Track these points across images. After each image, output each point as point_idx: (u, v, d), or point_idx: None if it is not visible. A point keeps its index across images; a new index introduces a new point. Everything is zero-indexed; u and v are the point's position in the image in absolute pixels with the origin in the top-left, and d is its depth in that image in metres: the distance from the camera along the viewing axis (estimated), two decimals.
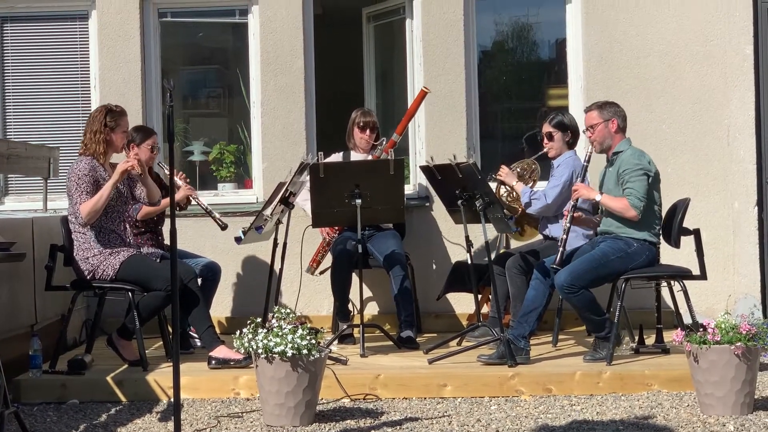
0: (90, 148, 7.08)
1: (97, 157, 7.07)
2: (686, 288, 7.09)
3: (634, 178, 6.90)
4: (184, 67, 9.88)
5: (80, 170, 6.97)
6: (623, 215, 6.90)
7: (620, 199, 6.92)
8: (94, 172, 7.00)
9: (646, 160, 6.98)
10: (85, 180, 6.94)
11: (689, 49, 8.79)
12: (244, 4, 9.08)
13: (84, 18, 9.11)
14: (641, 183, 6.89)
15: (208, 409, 6.40)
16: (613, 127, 7.08)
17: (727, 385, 5.90)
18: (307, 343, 5.79)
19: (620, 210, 6.90)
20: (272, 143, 8.89)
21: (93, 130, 7.08)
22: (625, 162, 6.97)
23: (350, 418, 6.08)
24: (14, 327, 7.11)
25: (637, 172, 6.90)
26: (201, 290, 7.24)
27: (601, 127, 7.09)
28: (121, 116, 7.17)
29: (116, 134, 7.12)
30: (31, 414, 6.34)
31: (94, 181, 6.97)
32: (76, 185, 6.95)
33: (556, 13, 9.09)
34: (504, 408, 6.30)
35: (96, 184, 6.97)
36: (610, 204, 6.95)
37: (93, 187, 6.96)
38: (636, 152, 7.04)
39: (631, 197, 6.87)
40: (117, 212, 7.11)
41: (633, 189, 6.88)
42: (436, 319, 8.73)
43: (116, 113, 7.13)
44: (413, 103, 8.37)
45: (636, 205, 6.85)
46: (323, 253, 8.31)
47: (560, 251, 6.87)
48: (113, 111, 7.13)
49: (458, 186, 7.24)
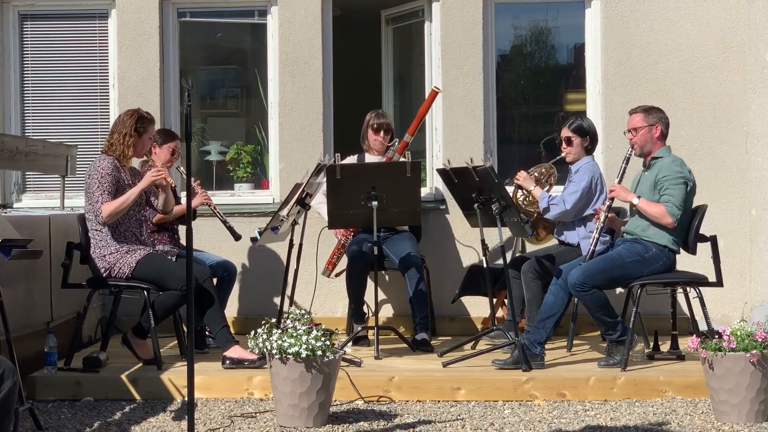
0: (117, 150, 7.08)
1: (122, 159, 7.09)
2: (702, 295, 7.06)
3: (674, 185, 6.88)
4: (202, 66, 9.89)
5: (104, 168, 6.97)
6: (660, 221, 6.88)
7: (658, 205, 6.89)
8: (117, 172, 7.01)
9: (687, 170, 6.98)
10: (107, 179, 6.95)
11: (708, 55, 8.77)
12: (263, 4, 9.10)
13: (104, 17, 9.14)
14: (680, 191, 6.88)
15: (221, 409, 6.41)
16: (657, 133, 7.07)
17: (742, 392, 5.88)
18: (321, 345, 5.80)
19: (657, 216, 6.88)
20: (289, 144, 8.91)
21: (122, 133, 7.08)
22: (666, 168, 6.95)
23: (364, 419, 6.08)
24: (30, 324, 7.13)
25: (678, 180, 6.89)
26: (216, 290, 7.26)
27: (645, 131, 7.07)
28: (150, 124, 7.21)
29: (143, 140, 7.16)
30: (46, 411, 6.36)
31: (116, 181, 6.98)
32: (98, 183, 6.95)
33: (575, 18, 9.08)
34: (518, 412, 6.29)
35: (117, 185, 6.98)
36: (648, 209, 6.92)
37: (114, 188, 6.96)
38: (677, 160, 7.03)
39: (669, 204, 6.85)
40: (134, 212, 7.12)
41: (672, 197, 6.86)
42: (450, 322, 8.72)
43: (146, 120, 7.16)
44: (424, 103, 8.38)
45: (673, 213, 6.84)
46: (338, 256, 8.32)
47: (591, 249, 6.85)
48: (144, 118, 7.16)
49: (474, 189, 7.24)
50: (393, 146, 8.14)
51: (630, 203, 7.08)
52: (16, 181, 9.16)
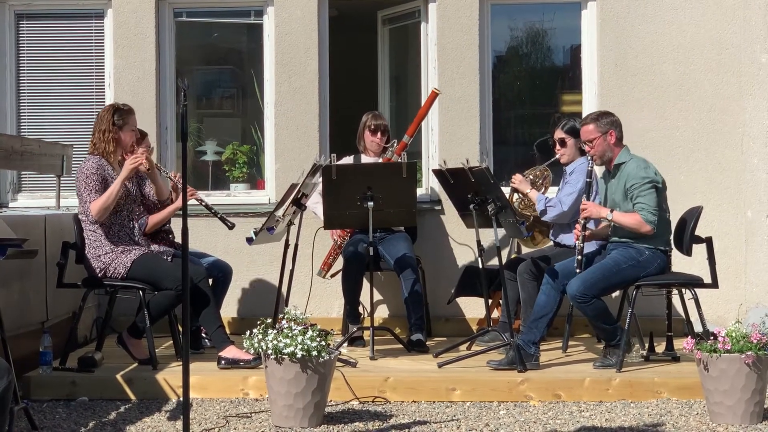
0: (99, 148, 7.09)
1: (107, 156, 7.08)
2: (697, 296, 7.07)
3: (644, 192, 6.83)
4: (198, 66, 9.89)
5: (88, 169, 6.99)
6: (638, 231, 6.83)
7: (633, 215, 6.85)
8: (102, 170, 7.00)
9: (652, 171, 6.92)
10: (93, 179, 6.95)
11: (704, 57, 8.77)
12: (259, 5, 9.10)
13: (100, 16, 9.14)
14: (651, 196, 6.83)
15: (216, 409, 6.41)
16: (612, 139, 6.99)
17: (737, 393, 5.89)
18: (316, 345, 5.80)
19: (634, 226, 6.83)
20: (285, 144, 8.90)
21: (101, 130, 7.09)
22: (632, 176, 6.89)
23: (359, 420, 6.08)
24: (25, 324, 7.13)
25: (646, 185, 6.84)
26: (212, 290, 7.25)
27: (600, 140, 7.00)
28: (129, 114, 7.16)
29: (124, 133, 7.13)
30: (41, 410, 6.35)
31: (102, 179, 6.98)
32: (84, 184, 6.96)
33: (571, 19, 9.09)
34: (513, 413, 6.29)
35: (104, 183, 6.98)
36: (623, 221, 6.87)
37: (101, 186, 6.97)
38: (640, 162, 6.97)
39: (644, 212, 6.80)
40: (127, 211, 7.13)
41: (644, 204, 6.82)
42: (446, 323, 8.72)
43: (124, 111, 7.13)
44: (424, 105, 8.38)
45: (650, 220, 6.80)
46: (334, 257, 8.31)
47: (578, 259, 6.83)
48: (121, 109, 7.13)
49: (470, 190, 7.24)
50: (392, 147, 8.14)
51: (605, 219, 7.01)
52: (12, 180, 9.15)
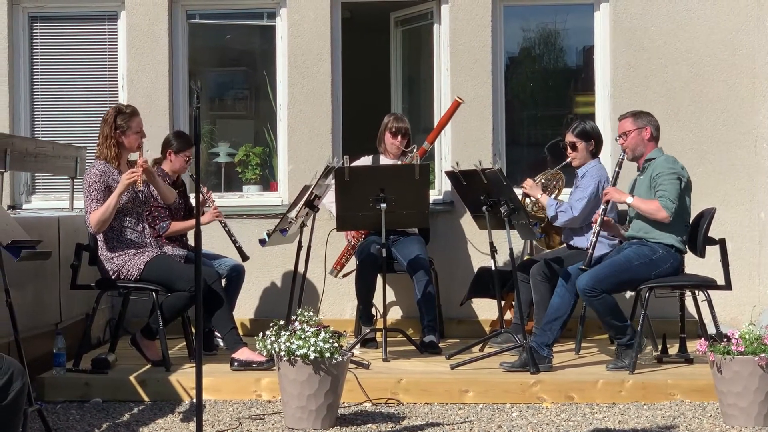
0: (102, 153, 7.00)
1: (110, 161, 6.99)
2: (711, 298, 7.06)
3: (667, 180, 6.89)
4: (211, 68, 9.90)
5: (91, 177, 6.91)
6: (654, 216, 6.87)
7: (652, 201, 6.90)
8: (105, 177, 6.91)
9: (680, 166, 6.99)
10: (95, 187, 6.87)
11: (717, 58, 8.76)
12: (272, 7, 9.11)
13: (113, 18, 9.16)
14: (673, 186, 6.88)
15: (229, 411, 6.42)
16: (647, 135, 7.08)
17: (751, 396, 5.87)
18: (329, 347, 5.80)
19: (652, 211, 6.87)
20: (298, 146, 8.91)
21: (104, 135, 6.99)
22: (659, 166, 6.97)
23: (371, 422, 6.09)
24: (39, 325, 7.15)
25: (671, 175, 6.90)
26: (225, 292, 7.25)
27: (635, 134, 7.08)
28: (132, 117, 7.02)
29: (128, 136, 7.01)
30: (54, 412, 6.37)
31: (105, 187, 6.89)
32: (87, 193, 6.89)
33: (584, 21, 9.08)
34: (525, 415, 6.29)
35: (108, 190, 6.88)
36: (641, 206, 6.92)
37: (104, 194, 6.87)
38: (669, 158, 7.05)
39: (663, 198, 6.84)
40: (135, 214, 7.08)
41: (665, 191, 6.86)
42: (458, 325, 8.72)
43: (126, 114, 7.01)
44: (446, 113, 8.37)
45: (667, 207, 6.82)
46: (347, 257, 8.31)
47: (589, 254, 6.85)
48: (123, 112, 7.01)
49: (483, 192, 7.24)
50: (411, 152, 8.11)
51: (625, 203, 7.07)
52: (26, 182, 9.18)
